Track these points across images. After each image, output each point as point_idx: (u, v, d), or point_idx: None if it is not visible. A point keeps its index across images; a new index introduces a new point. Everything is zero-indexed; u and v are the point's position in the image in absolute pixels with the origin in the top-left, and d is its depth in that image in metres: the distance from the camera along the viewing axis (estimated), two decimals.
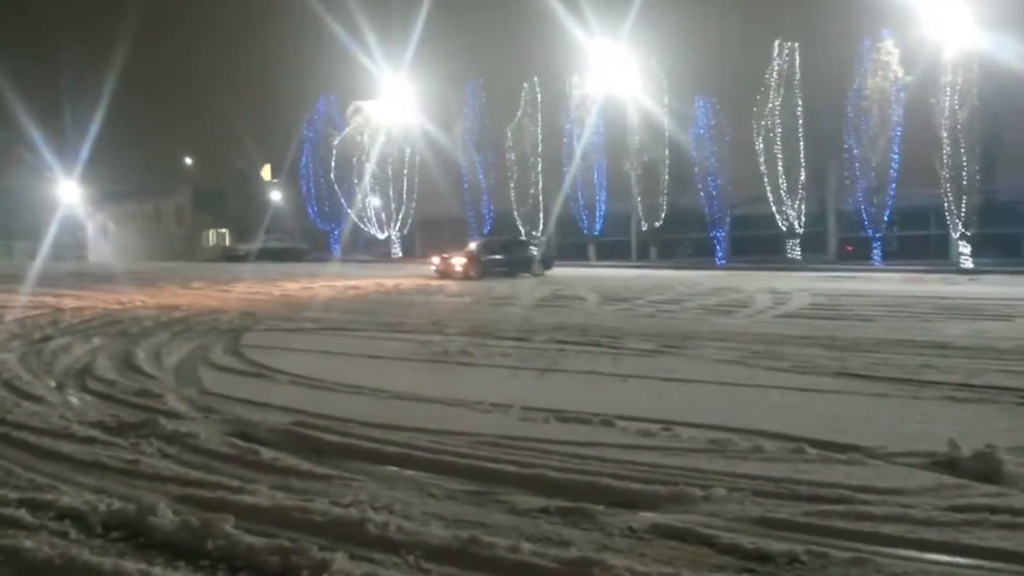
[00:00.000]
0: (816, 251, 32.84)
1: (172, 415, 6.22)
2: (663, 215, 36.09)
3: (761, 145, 32.02)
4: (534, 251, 29.97)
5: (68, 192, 58.98)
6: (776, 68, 31.79)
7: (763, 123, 31.97)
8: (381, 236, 48.39)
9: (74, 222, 60.46)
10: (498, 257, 28.31)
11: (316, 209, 51.11)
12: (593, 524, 3.90)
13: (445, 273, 26.71)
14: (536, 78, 39.52)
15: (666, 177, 35.69)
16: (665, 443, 5.34)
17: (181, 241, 59.74)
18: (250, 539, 3.60)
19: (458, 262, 26.72)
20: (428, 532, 3.75)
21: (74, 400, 7.07)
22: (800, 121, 31.31)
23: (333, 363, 9.06)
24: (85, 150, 51.15)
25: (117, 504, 4.07)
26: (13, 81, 43.52)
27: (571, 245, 39.71)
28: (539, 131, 39.63)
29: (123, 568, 3.32)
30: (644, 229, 37.10)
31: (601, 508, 4.07)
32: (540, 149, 39.72)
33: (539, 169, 39.81)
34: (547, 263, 29.88)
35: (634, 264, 36.45)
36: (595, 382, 7.78)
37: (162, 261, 50.61)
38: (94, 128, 46.93)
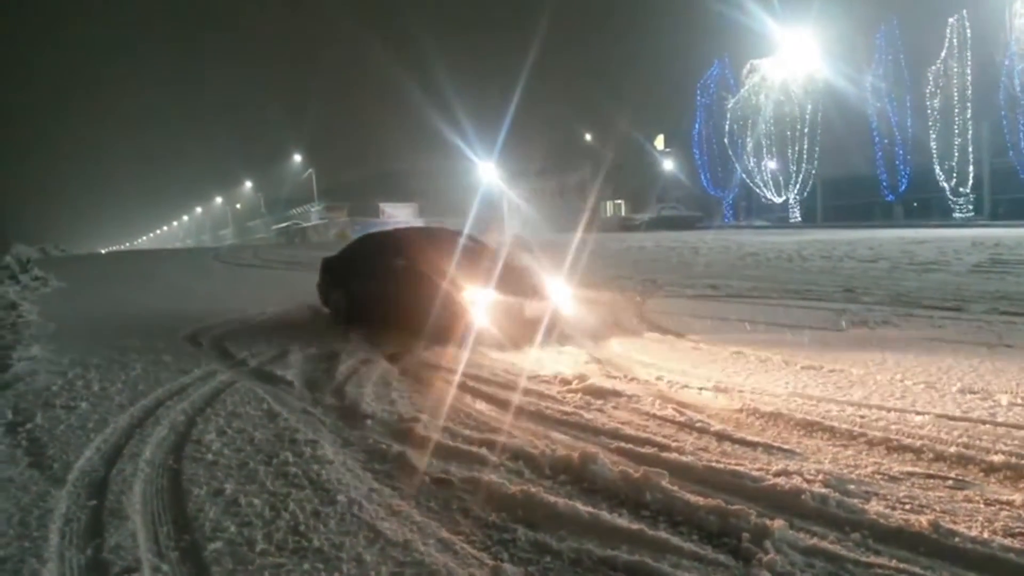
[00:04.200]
0: None
1: (598, 375, 6.64)
2: None
3: None
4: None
5: (488, 172, 66.36)
6: None
7: None
8: (778, 200, 46.42)
9: (492, 199, 67.93)
10: None
11: (708, 176, 50.84)
12: None
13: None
14: (964, 11, 34.24)
15: None
16: None
17: (581, 214, 63.75)
18: (686, 496, 3.68)
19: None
20: (874, 511, 3.48)
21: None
22: None
23: (739, 330, 8.90)
24: (502, 134, 57.01)
25: (561, 451, 4.44)
26: (447, 77, 50.00)
27: (1011, 201, 33.97)
28: (968, 71, 34.36)
29: (575, 508, 3.61)
30: None
31: None
32: (970, 92, 34.43)
33: (968, 115, 34.55)
34: None
35: None
36: None
37: (563, 233, 54.57)
38: (509, 114, 51.90)
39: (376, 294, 9.54)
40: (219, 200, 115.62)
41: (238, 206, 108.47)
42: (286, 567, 3.18)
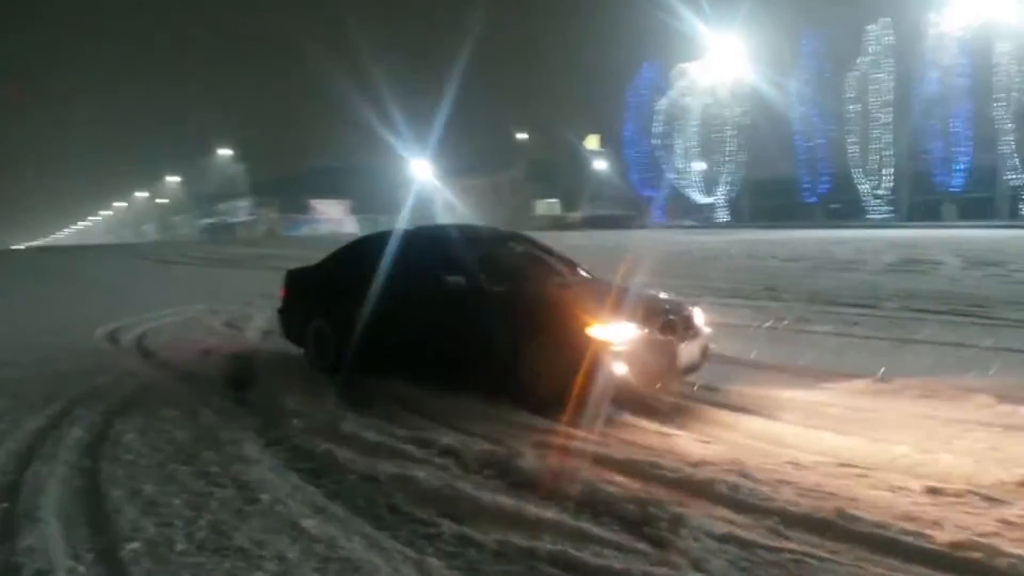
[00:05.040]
0: None
1: None
2: None
3: None
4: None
5: (421, 170, 66.05)
6: None
7: None
8: (706, 201, 47.54)
9: (426, 197, 67.62)
10: None
11: (638, 176, 51.75)
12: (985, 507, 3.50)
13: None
14: (888, 19, 35.55)
15: None
16: None
17: (513, 211, 64.09)
18: (609, 488, 3.77)
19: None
20: (783, 499, 3.63)
21: None
22: None
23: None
24: (436, 132, 56.76)
25: (487, 446, 4.50)
26: (378, 73, 49.55)
27: (923, 203, 35.55)
28: (887, 78, 35.78)
29: (500, 502, 3.66)
30: (1015, 183, 31.99)
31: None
32: (888, 98, 35.86)
33: (884, 120, 36.00)
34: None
35: (1001, 224, 31.54)
36: (963, 355, 6.91)
37: None
38: (444, 111, 51.73)
39: (400, 326, 6.44)
40: (142, 195, 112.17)
41: (162, 201, 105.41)
42: (206, 566, 3.14)
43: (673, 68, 48.62)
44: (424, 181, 66.49)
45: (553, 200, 63.39)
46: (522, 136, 68.23)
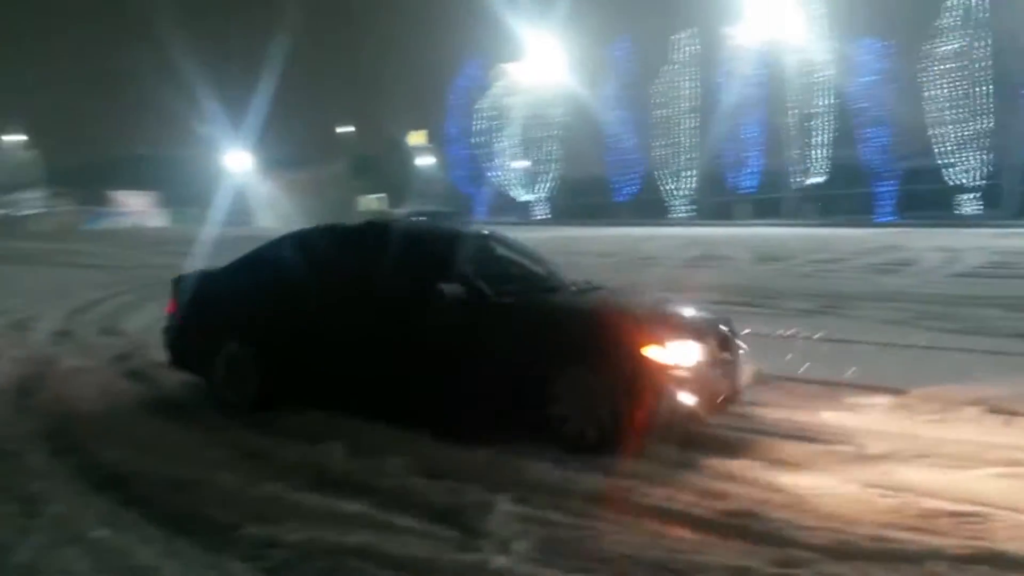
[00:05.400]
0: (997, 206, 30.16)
1: None
2: (823, 170, 34.32)
3: (936, 91, 29.73)
4: None
5: (237, 162, 62.96)
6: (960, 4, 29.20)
7: (938, 67, 29.57)
8: (525, 198, 48.90)
9: (242, 190, 64.45)
10: None
11: (462, 173, 52.34)
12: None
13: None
14: (693, 29, 38.11)
15: (827, 129, 33.87)
16: None
17: (336, 207, 62.60)
18: (418, 479, 3.84)
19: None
20: (586, 480, 3.85)
21: None
22: (984, 65, 28.72)
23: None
24: (253, 122, 54.25)
25: (298, 445, 4.43)
26: (190, 57, 46.67)
27: (721, 203, 38.52)
28: (690, 86, 38.42)
29: (310, 501, 3.63)
30: (800, 186, 35.45)
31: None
32: (689, 105, 38.57)
33: (688, 125, 38.72)
34: None
35: (788, 223, 34.82)
36: (752, 343, 7.55)
37: None
38: (262, 101, 49.55)
39: (361, 349, 4.99)
40: None
41: None
42: None
43: (494, 67, 49.62)
44: (240, 174, 63.40)
45: (379, 196, 62.62)
46: (346, 130, 66.91)
